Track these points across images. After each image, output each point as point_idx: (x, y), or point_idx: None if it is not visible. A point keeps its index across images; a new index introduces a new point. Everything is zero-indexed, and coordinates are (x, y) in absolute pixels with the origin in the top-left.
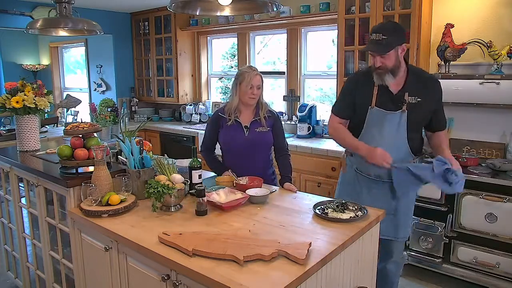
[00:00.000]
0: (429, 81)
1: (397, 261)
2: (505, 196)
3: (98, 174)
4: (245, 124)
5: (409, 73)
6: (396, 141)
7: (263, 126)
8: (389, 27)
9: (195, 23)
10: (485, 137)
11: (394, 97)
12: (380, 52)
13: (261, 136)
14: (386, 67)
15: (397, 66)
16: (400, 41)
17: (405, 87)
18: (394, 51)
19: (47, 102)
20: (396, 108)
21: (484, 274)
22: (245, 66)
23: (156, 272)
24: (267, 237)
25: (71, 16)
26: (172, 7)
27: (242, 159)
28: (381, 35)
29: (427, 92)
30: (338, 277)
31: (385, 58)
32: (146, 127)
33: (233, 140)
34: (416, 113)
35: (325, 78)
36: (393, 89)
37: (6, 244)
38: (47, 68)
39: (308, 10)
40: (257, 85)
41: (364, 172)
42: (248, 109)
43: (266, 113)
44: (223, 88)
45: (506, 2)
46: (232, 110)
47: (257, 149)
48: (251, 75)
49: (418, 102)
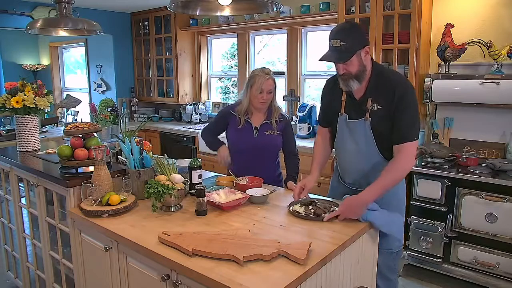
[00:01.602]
0: (390, 83)
1: (389, 278)
2: (505, 196)
3: (98, 174)
4: (255, 125)
5: (372, 75)
6: (368, 148)
7: (273, 129)
8: (346, 30)
9: (195, 23)
10: (485, 137)
11: (357, 103)
12: (340, 61)
13: (270, 139)
14: (349, 73)
15: (362, 71)
16: (361, 45)
17: (367, 93)
18: (355, 56)
19: (47, 102)
20: (358, 116)
21: (484, 274)
22: (259, 68)
23: (156, 272)
24: (267, 237)
25: (71, 16)
26: (172, 7)
27: (249, 160)
28: (339, 41)
29: (387, 97)
30: (338, 277)
31: (347, 65)
32: (146, 127)
33: (241, 140)
34: (379, 121)
35: (325, 78)
36: (356, 95)
37: (6, 244)
38: (47, 68)
39: (308, 10)
40: (268, 90)
41: (342, 178)
42: (259, 111)
43: (278, 117)
44: (223, 88)
45: (506, 2)
46: (242, 112)
47: (265, 152)
48: (262, 79)
49: (379, 109)
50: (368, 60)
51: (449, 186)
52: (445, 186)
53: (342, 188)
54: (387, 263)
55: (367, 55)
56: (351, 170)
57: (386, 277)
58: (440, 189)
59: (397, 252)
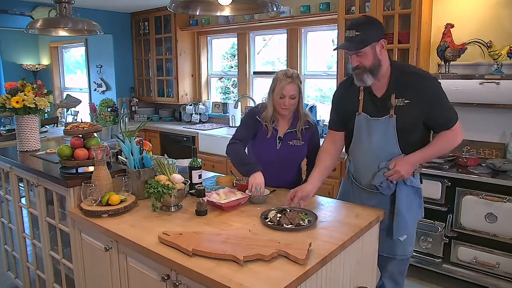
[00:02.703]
0: (415, 77)
1: (399, 282)
2: (505, 196)
3: (98, 174)
4: (279, 134)
5: (392, 72)
6: (387, 148)
7: (298, 139)
8: (363, 22)
9: (195, 23)
10: (485, 137)
11: (380, 101)
12: (352, 49)
13: (293, 149)
14: (363, 66)
15: (377, 65)
16: (376, 37)
17: (390, 89)
18: (370, 48)
19: (47, 102)
20: (382, 114)
21: (484, 274)
22: (283, 70)
23: (156, 272)
24: (267, 237)
25: (71, 16)
26: (172, 7)
27: (271, 170)
28: (355, 31)
29: (416, 91)
30: (338, 277)
31: (361, 57)
32: (146, 127)
33: (263, 151)
34: (406, 116)
35: (325, 78)
36: (377, 92)
37: (6, 244)
38: (47, 68)
39: (308, 10)
40: (291, 95)
41: (357, 181)
42: (283, 118)
43: (304, 125)
44: (223, 88)
45: (506, 2)
46: (268, 120)
47: (287, 163)
48: (283, 83)
49: (406, 103)
50: (384, 55)
51: (449, 186)
52: (445, 186)
53: (356, 190)
54: (399, 269)
55: (382, 49)
56: (367, 172)
57: (397, 281)
58: (440, 189)
59: (408, 258)
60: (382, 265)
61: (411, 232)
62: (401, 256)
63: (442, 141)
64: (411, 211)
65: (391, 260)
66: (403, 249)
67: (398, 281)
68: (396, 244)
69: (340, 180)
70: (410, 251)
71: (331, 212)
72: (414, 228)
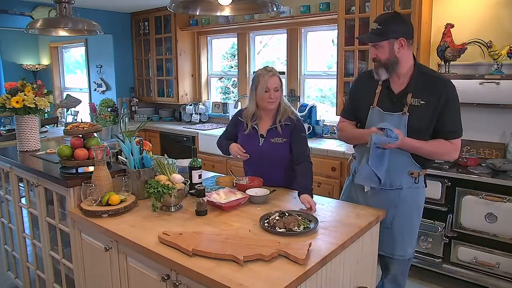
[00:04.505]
0: (437, 82)
1: (401, 283)
2: (505, 196)
3: (98, 174)
4: (261, 132)
5: (415, 72)
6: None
7: (280, 136)
8: (387, 17)
9: (195, 23)
10: (485, 137)
11: (396, 97)
12: (370, 40)
13: (275, 147)
14: (379, 60)
15: (393, 62)
16: (396, 35)
17: (409, 87)
18: (387, 43)
19: (47, 102)
20: (395, 109)
21: (484, 274)
22: (261, 68)
23: (156, 272)
24: (267, 237)
25: (71, 16)
26: (172, 7)
27: (259, 168)
28: (377, 24)
29: (433, 94)
30: (338, 277)
31: (378, 50)
32: (146, 127)
33: (247, 149)
34: (419, 117)
35: (325, 78)
36: (395, 89)
37: (6, 244)
38: (47, 68)
39: (308, 10)
40: (274, 88)
41: None
42: (268, 114)
43: (284, 121)
44: (223, 88)
45: (506, 2)
46: (249, 118)
47: (272, 161)
48: (266, 77)
49: (422, 105)
50: (403, 54)
51: (449, 186)
52: (445, 186)
53: (359, 189)
54: (401, 270)
55: (401, 48)
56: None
57: (398, 282)
58: (440, 189)
59: (409, 259)
60: (383, 266)
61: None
62: (400, 256)
63: (440, 144)
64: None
65: (391, 260)
66: (403, 250)
67: (399, 283)
68: (396, 244)
69: (340, 180)
70: (410, 253)
71: (331, 212)
72: (415, 230)
